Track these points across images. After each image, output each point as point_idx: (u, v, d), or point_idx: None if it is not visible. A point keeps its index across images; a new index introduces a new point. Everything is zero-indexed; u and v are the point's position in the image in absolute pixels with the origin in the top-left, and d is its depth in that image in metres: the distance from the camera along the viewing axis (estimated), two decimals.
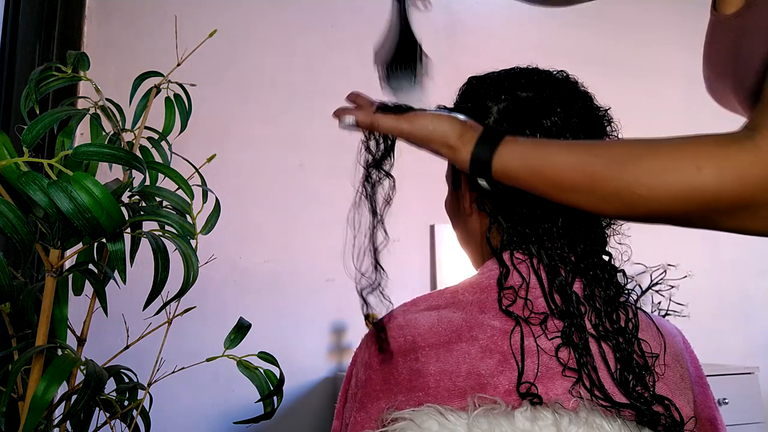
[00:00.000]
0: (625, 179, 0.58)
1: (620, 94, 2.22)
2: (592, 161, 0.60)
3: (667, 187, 0.56)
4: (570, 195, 0.62)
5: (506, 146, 0.65)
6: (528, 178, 0.63)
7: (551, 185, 0.62)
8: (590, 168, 0.60)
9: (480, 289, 0.69)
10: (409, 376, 0.64)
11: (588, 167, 0.60)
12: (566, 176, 0.61)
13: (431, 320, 0.67)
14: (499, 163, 0.64)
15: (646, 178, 0.57)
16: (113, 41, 1.86)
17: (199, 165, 1.10)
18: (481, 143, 0.65)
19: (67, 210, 0.72)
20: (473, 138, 0.66)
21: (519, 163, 0.64)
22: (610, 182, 0.59)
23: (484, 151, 0.65)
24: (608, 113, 0.76)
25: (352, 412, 0.68)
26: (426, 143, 0.68)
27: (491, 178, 0.65)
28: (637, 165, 0.58)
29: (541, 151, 0.64)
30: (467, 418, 0.59)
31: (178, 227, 0.90)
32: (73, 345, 0.97)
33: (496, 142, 0.65)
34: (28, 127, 0.79)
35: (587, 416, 0.60)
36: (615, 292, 0.69)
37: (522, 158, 0.64)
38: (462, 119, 0.68)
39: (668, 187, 0.56)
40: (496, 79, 0.75)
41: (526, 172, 0.63)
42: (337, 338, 1.99)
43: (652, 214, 0.58)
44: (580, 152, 0.62)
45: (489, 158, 0.64)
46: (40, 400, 0.76)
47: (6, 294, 0.73)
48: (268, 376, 0.99)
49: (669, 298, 0.75)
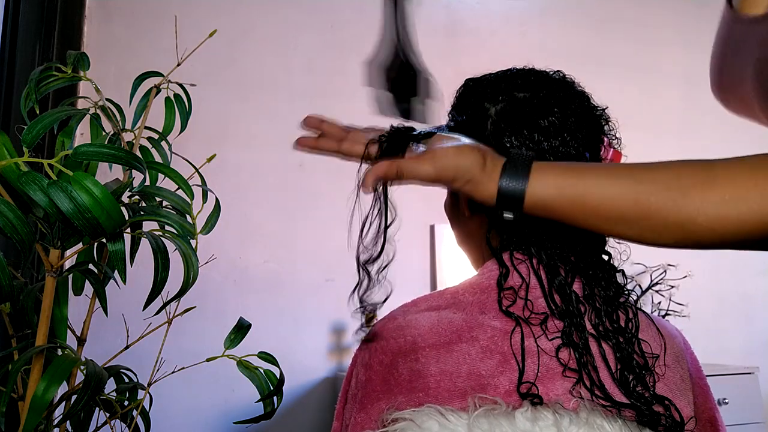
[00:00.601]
0: (686, 210, 0.54)
1: (620, 94, 2.22)
2: (642, 189, 0.56)
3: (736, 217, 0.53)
4: (617, 226, 0.58)
5: (538, 175, 0.60)
6: (566, 209, 0.59)
7: (595, 216, 0.58)
8: (642, 197, 0.56)
9: (480, 290, 0.69)
10: (409, 377, 0.64)
11: (640, 197, 0.56)
12: (613, 206, 0.57)
13: (431, 321, 0.67)
14: (532, 195, 0.59)
15: (712, 208, 0.53)
16: (113, 41, 1.86)
17: (199, 165, 1.10)
18: (509, 173, 0.60)
19: (67, 210, 0.72)
20: (496, 168, 0.61)
21: (555, 193, 0.59)
22: (669, 213, 0.55)
23: (513, 182, 0.60)
24: (605, 112, 0.76)
25: (352, 413, 0.68)
26: (449, 183, 0.63)
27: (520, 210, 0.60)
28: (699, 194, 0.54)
29: (579, 178, 0.59)
30: (468, 419, 0.59)
31: (178, 227, 0.90)
32: (73, 345, 0.97)
33: (525, 171, 0.60)
34: (28, 127, 0.78)
35: (588, 416, 0.60)
36: (615, 291, 0.69)
37: (558, 188, 0.59)
38: (477, 147, 0.63)
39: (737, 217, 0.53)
40: (493, 81, 0.75)
41: (563, 202, 0.59)
42: (337, 338, 1.99)
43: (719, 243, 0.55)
44: (625, 179, 0.58)
45: (521, 190, 0.59)
46: (40, 400, 0.76)
47: (6, 294, 0.73)
48: (268, 376, 0.99)
49: (669, 298, 0.75)
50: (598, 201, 0.58)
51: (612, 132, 0.76)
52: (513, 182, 0.60)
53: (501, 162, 0.61)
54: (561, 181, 0.59)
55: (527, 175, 0.60)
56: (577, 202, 0.58)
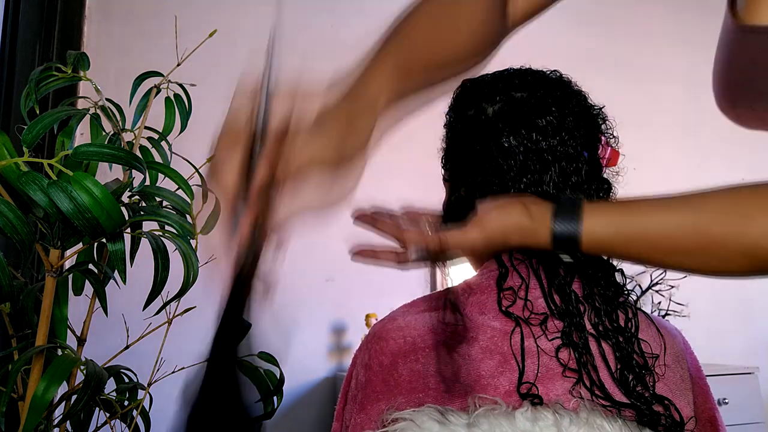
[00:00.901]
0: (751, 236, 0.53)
1: (620, 94, 2.22)
2: (701, 219, 0.55)
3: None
4: (679, 258, 0.57)
5: (591, 216, 0.59)
6: (625, 246, 0.59)
7: (655, 250, 0.58)
8: (702, 227, 0.55)
9: (480, 290, 0.69)
10: (409, 378, 0.64)
11: (700, 226, 0.55)
12: (674, 239, 0.56)
13: (431, 321, 0.67)
14: (589, 237, 0.59)
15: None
16: (113, 41, 1.86)
17: (199, 165, 1.10)
18: (561, 218, 0.60)
19: (67, 210, 0.72)
20: (544, 213, 0.61)
21: (612, 231, 0.59)
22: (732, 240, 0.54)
23: (567, 226, 0.60)
24: (602, 111, 0.76)
25: (352, 414, 0.68)
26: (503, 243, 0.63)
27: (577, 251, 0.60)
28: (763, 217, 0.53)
29: (634, 215, 0.59)
30: (468, 419, 0.59)
31: (178, 227, 0.90)
32: (73, 345, 0.97)
33: (577, 213, 0.60)
34: (28, 127, 0.79)
35: (588, 416, 0.60)
36: (614, 291, 0.69)
37: (615, 225, 0.59)
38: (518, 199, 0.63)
39: None
40: (491, 81, 0.75)
41: (621, 239, 0.59)
42: (337, 338, 1.98)
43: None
44: (682, 209, 0.57)
45: (577, 233, 0.59)
46: (40, 400, 0.76)
47: (6, 294, 0.73)
48: (268, 376, 0.99)
49: (669, 298, 0.75)
50: (657, 235, 0.57)
51: (610, 131, 0.76)
52: (566, 225, 0.60)
53: (548, 207, 0.61)
54: (616, 218, 0.59)
55: (579, 216, 0.59)
56: (636, 239, 0.58)
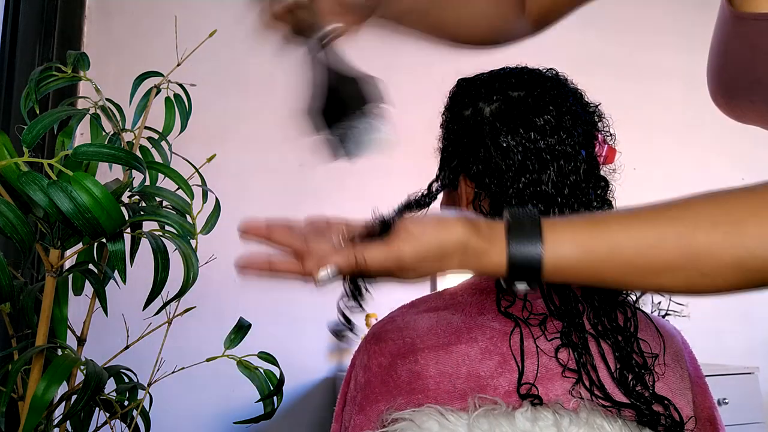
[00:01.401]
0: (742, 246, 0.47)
1: (620, 94, 2.22)
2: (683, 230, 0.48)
3: None
4: (660, 277, 0.49)
5: (554, 236, 0.50)
6: (595, 269, 0.50)
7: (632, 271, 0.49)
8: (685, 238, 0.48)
9: (479, 291, 0.69)
10: (408, 378, 0.64)
11: (682, 239, 0.48)
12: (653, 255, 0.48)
13: (430, 322, 0.66)
14: (553, 261, 0.49)
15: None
16: (113, 41, 1.86)
17: (199, 165, 1.10)
18: (516, 236, 0.50)
19: (67, 210, 0.72)
20: (496, 231, 0.51)
21: (579, 253, 0.49)
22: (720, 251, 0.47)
23: (527, 249, 0.49)
24: (598, 109, 0.76)
25: (351, 415, 0.67)
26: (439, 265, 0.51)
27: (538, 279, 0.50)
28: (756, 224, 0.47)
29: (604, 232, 0.50)
30: (468, 419, 0.59)
31: (178, 227, 0.90)
32: (73, 345, 0.97)
33: (535, 230, 0.50)
34: (28, 127, 0.79)
35: (588, 416, 0.60)
36: (612, 290, 0.69)
37: (581, 245, 0.50)
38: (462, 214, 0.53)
39: None
40: (487, 80, 0.75)
41: (592, 262, 0.49)
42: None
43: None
44: (659, 220, 0.49)
45: (538, 256, 0.49)
46: (40, 400, 0.76)
47: (6, 294, 0.73)
48: (268, 376, 0.99)
49: (669, 298, 0.75)
50: (633, 252, 0.49)
51: (606, 128, 0.76)
52: (525, 247, 0.50)
53: (500, 225, 0.52)
54: (583, 237, 0.50)
55: (540, 236, 0.50)
56: (609, 259, 0.49)
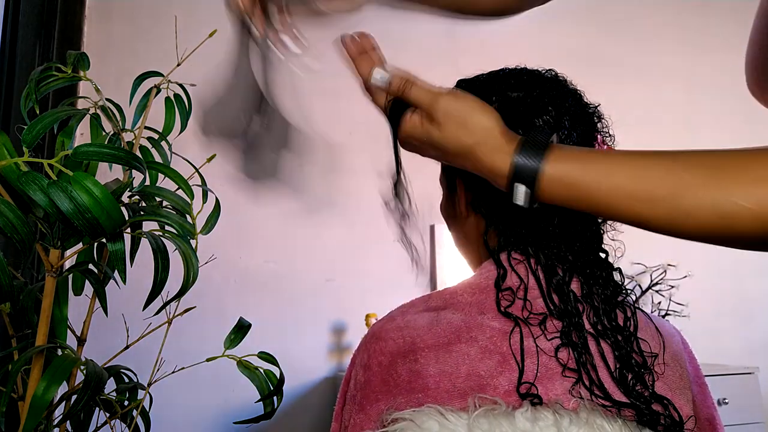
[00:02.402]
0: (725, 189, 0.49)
1: (620, 94, 2.22)
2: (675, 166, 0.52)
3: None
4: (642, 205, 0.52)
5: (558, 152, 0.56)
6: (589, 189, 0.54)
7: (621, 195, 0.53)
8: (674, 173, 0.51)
9: (479, 290, 0.69)
10: (408, 378, 0.64)
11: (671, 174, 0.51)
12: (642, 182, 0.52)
13: (430, 321, 0.66)
14: (551, 176, 0.55)
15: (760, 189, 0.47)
16: (113, 41, 1.86)
17: (199, 165, 1.10)
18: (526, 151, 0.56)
19: (67, 210, 0.72)
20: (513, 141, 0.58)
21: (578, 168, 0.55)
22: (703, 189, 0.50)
23: (530, 161, 0.56)
24: (597, 110, 0.76)
25: (351, 414, 0.67)
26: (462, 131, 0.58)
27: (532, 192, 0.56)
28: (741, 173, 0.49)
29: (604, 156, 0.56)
30: (468, 419, 0.59)
31: (178, 227, 0.90)
32: (73, 345, 0.97)
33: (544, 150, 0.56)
34: (28, 127, 0.79)
35: (588, 416, 0.60)
36: (612, 290, 0.69)
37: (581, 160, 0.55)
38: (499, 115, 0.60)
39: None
40: (486, 81, 0.75)
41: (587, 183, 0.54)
42: (337, 338, 1.99)
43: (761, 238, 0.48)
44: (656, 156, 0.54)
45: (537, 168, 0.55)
46: (40, 400, 0.76)
47: (6, 294, 0.73)
48: (268, 376, 0.99)
49: (669, 298, 0.75)
50: (624, 176, 0.53)
51: (605, 129, 0.76)
52: (529, 159, 0.56)
53: (518, 137, 0.59)
54: (583, 155, 0.56)
55: (545, 154, 0.56)
56: (603, 179, 0.54)
